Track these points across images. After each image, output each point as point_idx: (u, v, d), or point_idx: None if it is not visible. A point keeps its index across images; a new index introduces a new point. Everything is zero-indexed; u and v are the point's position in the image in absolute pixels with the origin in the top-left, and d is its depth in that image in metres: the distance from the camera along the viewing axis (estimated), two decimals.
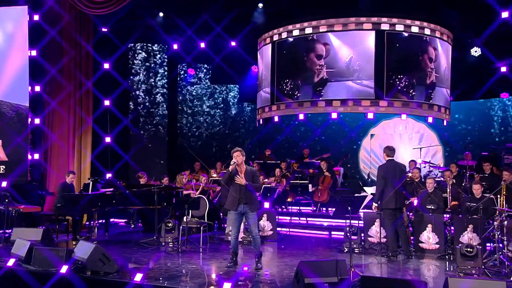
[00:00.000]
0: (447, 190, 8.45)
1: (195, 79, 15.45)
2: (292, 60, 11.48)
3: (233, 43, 13.03)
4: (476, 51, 12.22)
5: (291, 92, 11.38)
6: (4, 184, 10.41)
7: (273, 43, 11.69)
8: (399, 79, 10.70)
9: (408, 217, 8.49)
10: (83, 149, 11.61)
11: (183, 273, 6.85)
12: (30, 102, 11.01)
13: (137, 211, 10.91)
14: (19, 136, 10.71)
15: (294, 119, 13.54)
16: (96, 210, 9.48)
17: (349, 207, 7.03)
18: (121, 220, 11.86)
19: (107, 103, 12.05)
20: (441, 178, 10.50)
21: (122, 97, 13.25)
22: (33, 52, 11.15)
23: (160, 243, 8.70)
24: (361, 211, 8.80)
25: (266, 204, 9.80)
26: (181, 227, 8.73)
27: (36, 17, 11.14)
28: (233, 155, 6.96)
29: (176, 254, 8.07)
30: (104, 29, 12.15)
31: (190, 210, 8.99)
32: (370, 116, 10.91)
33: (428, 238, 8.23)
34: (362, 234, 8.68)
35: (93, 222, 9.86)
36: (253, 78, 14.08)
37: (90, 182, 10.01)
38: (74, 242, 9.00)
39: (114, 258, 6.67)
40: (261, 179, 9.22)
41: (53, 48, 11.32)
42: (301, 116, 11.37)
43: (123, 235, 10.30)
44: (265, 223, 9.50)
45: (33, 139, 11.43)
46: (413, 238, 8.41)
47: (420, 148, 12.46)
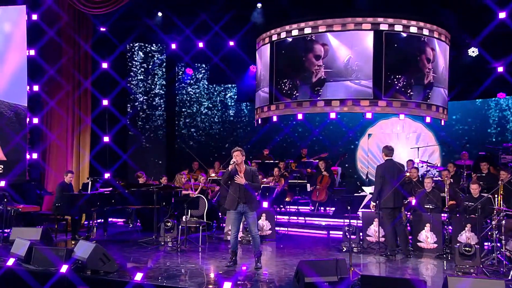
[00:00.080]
0: (445, 189, 8.50)
1: (193, 78, 15.44)
2: (290, 60, 11.49)
3: (232, 43, 13.04)
4: (473, 51, 12.26)
5: (290, 92, 11.39)
6: (2, 183, 10.42)
7: (272, 43, 11.69)
8: (397, 79, 10.72)
9: (406, 216, 8.54)
10: (81, 148, 11.58)
11: (183, 272, 6.86)
12: (29, 102, 11.00)
13: (136, 211, 10.92)
14: (18, 136, 10.72)
15: (293, 119, 13.55)
16: (95, 209, 9.51)
17: (349, 207, 7.07)
18: (119, 220, 11.88)
19: (105, 102, 12.04)
20: (439, 178, 10.55)
21: (120, 97, 13.22)
22: (32, 52, 11.13)
23: (159, 243, 8.73)
24: (360, 210, 8.83)
25: (265, 204, 9.82)
26: (180, 226, 8.76)
27: (34, 17, 11.12)
28: (233, 154, 6.94)
29: (175, 254, 8.08)
30: (102, 29, 12.13)
31: (189, 210, 9.01)
32: (369, 116, 10.93)
33: (426, 237, 8.28)
34: (361, 234, 8.73)
35: (92, 222, 9.86)
36: (251, 78, 14.09)
37: (89, 182, 10.02)
38: (73, 241, 9.03)
39: (114, 257, 6.69)
40: (260, 179, 9.23)
41: (51, 48, 11.30)
42: (300, 116, 11.37)
43: (121, 235, 10.31)
44: (264, 223, 9.53)
45: (31, 138, 11.42)
46: (411, 237, 8.45)
47: (418, 148, 12.49)
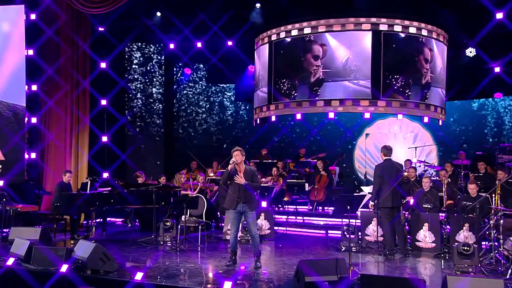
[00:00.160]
0: (443, 189, 8.55)
1: (191, 78, 15.44)
2: (289, 60, 11.52)
3: (230, 43, 13.05)
4: (471, 52, 12.30)
5: (288, 92, 11.42)
6: (1, 183, 10.42)
7: (271, 43, 11.72)
8: (396, 79, 10.77)
9: (404, 216, 8.57)
10: (80, 148, 11.57)
11: (182, 272, 6.88)
12: (27, 102, 11.00)
13: (134, 210, 10.93)
14: (16, 136, 10.72)
15: (291, 119, 13.58)
16: (94, 209, 9.51)
17: (348, 206, 7.09)
18: (117, 219, 11.88)
19: (104, 102, 12.02)
20: (436, 178, 10.60)
21: (118, 97, 13.25)
22: (30, 52, 11.11)
23: (158, 242, 8.75)
24: (359, 210, 8.86)
25: (264, 203, 9.84)
26: (179, 226, 8.77)
27: (32, 16, 11.11)
28: (233, 154, 6.94)
29: (174, 253, 8.09)
30: (101, 29, 12.12)
31: (189, 209, 9.02)
32: (367, 116, 10.97)
33: (425, 236, 8.32)
34: (360, 233, 8.76)
35: (91, 222, 9.86)
36: (250, 78, 14.10)
37: (89, 181, 10.02)
38: (72, 241, 9.02)
39: (114, 257, 6.70)
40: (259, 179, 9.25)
41: (50, 48, 11.29)
42: (299, 116, 11.40)
43: (120, 234, 10.31)
44: (262, 222, 9.55)
45: (30, 138, 11.42)
46: (409, 237, 8.48)
47: (415, 148, 12.54)
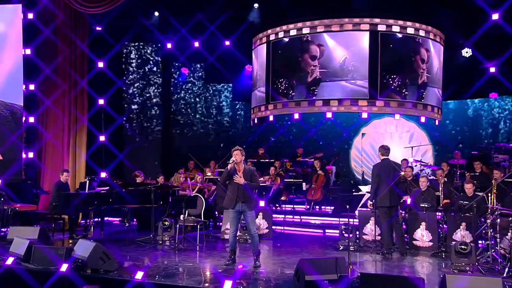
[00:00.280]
0: (439, 188, 8.61)
1: (189, 78, 15.45)
2: (287, 60, 11.57)
3: (227, 43, 13.07)
4: (467, 52, 12.38)
5: (286, 92, 11.47)
6: None
7: (269, 42, 11.76)
8: (392, 79, 10.83)
9: (401, 215, 8.63)
10: (77, 148, 11.57)
11: (181, 271, 6.90)
12: (25, 101, 10.98)
13: (132, 210, 10.93)
14: (14, 135, 10.68)
15: (288, 119, 13.61)
16: (93, 208, 9.52)
17: (348, 206, 7.14)
18: (115, 219, 11.87)
19: (101, 102, 12.03)
20: (433, 177, 10.66)
21: (116, 96, 13.24)
22: (28, 51, 11.09)
23: (156, 242, 8.77)
24: (357, 209, 8.91)
25: (261, 203, 9.88)
26: (177, 225, 8.80)
27: (30, 16, 11.09)
28: (233, 153, 6.95)
29: (173, 252, 8.12)
30: (98, 28, 12.12)
31: (187, 209, 9.03)
32: (365, 115, 11.03)
33: (422, 235, 8.37)
34: (357, 232, 8.81)
35: (89, 221, 9.86)
36: (247, 77, 14.12)
37: (87, 181, 10.01)
38: (70, 240, 9.02)
39: (114, 256, 6.72)
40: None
41: (47, 47, 11.27)
42: (296, 116, 11.45)
43: (118, 234, 10.32)
44: (261, 222, 9.58)
45: (27, 137, 11.40)
46: (407, 236, 8.53)
47: (412, 147, 12.60)
